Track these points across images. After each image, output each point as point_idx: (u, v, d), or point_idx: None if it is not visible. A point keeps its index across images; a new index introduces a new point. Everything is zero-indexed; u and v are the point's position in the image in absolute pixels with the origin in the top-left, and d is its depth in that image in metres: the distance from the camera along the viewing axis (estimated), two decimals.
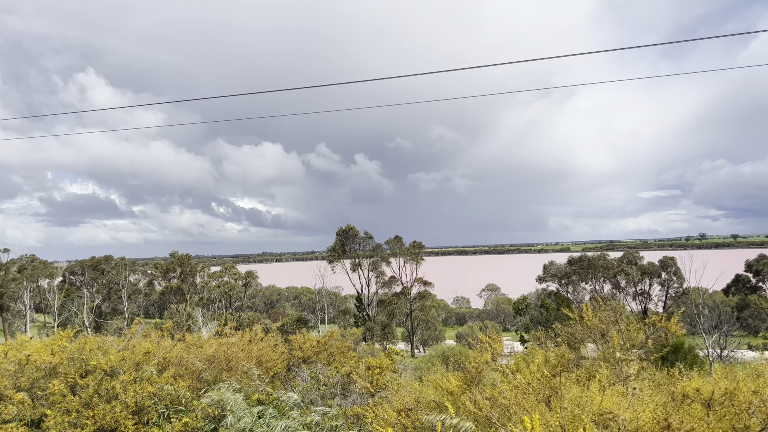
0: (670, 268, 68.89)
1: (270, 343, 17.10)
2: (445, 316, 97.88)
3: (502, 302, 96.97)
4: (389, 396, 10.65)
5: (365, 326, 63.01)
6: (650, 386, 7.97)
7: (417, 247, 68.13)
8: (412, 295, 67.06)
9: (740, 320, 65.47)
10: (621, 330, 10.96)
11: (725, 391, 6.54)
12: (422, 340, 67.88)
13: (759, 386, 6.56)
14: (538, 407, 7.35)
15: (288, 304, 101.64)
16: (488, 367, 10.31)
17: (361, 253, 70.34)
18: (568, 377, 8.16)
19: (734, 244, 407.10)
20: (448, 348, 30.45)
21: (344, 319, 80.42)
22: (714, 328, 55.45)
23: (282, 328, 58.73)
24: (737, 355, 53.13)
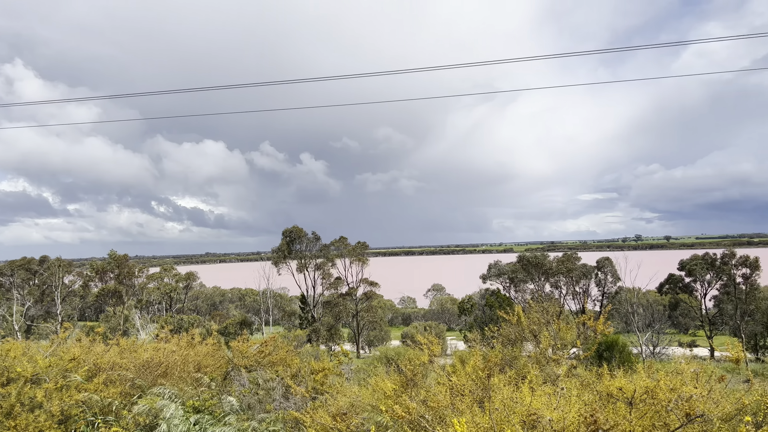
0: (607, 268, 71.41)
1: (209, 347, 16.73)
2: (392, 317, 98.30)
3: (447, 302, 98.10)
4: (328, 400, 10.60)
5: (311, 328, 62.58)
6: (578, 386, 8.22)
7: (362, 248, 68.16)
8: (358, 295, 67.05)
9: (672, 318, 68.49)
10: (553, 330, 11.27)
11: (646, 389, 6.82)
12: (368, 340, 67.93)
13: (677, 384, 6.87)
14: (471, 408, 7.47)
15: (232, 306, 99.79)
16: (426, 369, 10.41)
17: (307, 253, 69.75)
18: (501, 378, 8.33)
19: (667, 246, 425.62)
20: (391, 349, 30.61)
21: (289, 320, 79.67)
22: (647, 326, 57.83)
23: (224, 330, 57.66)
24: (668, 351, 55.62)
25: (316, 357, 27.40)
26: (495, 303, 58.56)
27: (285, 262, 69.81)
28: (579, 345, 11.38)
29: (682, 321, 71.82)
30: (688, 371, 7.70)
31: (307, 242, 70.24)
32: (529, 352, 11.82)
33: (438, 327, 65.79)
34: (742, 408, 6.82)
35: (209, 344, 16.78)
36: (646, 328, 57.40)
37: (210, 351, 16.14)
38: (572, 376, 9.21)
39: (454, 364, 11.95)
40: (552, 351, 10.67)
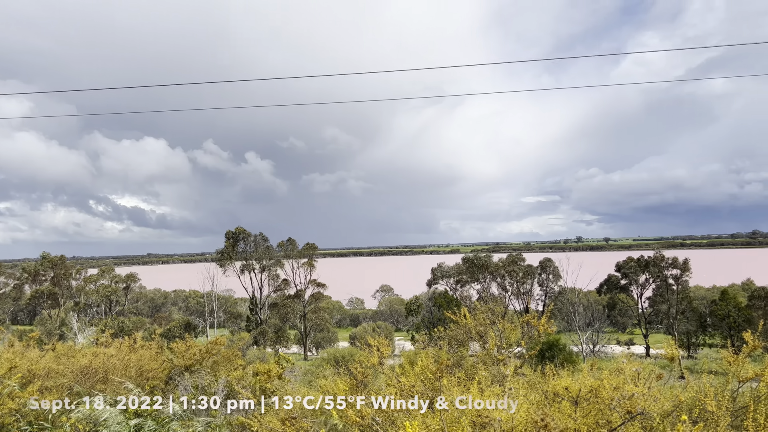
0: (549, 269, 73.42)
1: (151, 350, 16.23)
2: (339, 318, 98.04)
3: (395, 303, 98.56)
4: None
5: (257, 330, 61.67)
6: (525, 386, 8.39)
7: (310, 249, 67.71)
8: (306, 297, 66.53)
9: (610, 318, 70.96)
10: (499, 330, 11.47)
11: (590, 389, 7.02)
12: (316, 342, 67.51)
13: (620, 383, 7.10)
14: (421, 410, 7.50)
15: (175, 308, 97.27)
16: (375, 371, 10.40)
17: (253, 255, 68.65)
18: (450, 379, 8.41)
19: (606, 247, 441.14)
20: (340, 350, 30.50)
21: (235, 323, 78.26)
22: (587, 325, 59.74)
23: (167, 333, 56.15)
24: (607, 350, 57.66)
25: (263, 359, 27.03)
26: (442, 303, 59.23)
27: (230, 264, 68.50)
28: (524, 344, 11.62)
29: (620, 320, 74.54)
30: (629, 370, 7.98)
31: (254, 243, 69.16)
32: (476, 352, 11.99)
33: (386, 328, 66.08)
34: (679, 404, 7.12)
35: (152, 348, 16.29)
36: (587, 327, 59.32)
37: (152, 355, 15.66)
38: (518, 375, 9.39)
39: (403, 365, 11.99)
40: (498, 351, 10.85)
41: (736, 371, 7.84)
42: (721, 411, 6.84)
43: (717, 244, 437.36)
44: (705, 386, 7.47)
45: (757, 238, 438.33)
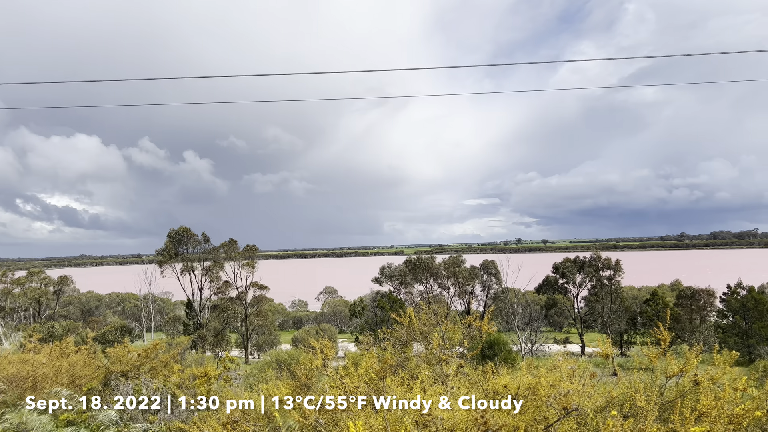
0: (490, 270, 74.98)
1: (84, 355, 15.64)
2: (282, 320, 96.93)
3: (339, 304, 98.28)
4: (217, 408, 10.26)
5: (196, 333, 60.22)
6: (467, 384, 8.56)
7: (252, 251, 66.67)
8: (247, 299, 65.45)
9: (548, 317, 73.06)
10: (442, 330, 11.66)
11: (529, 386, 7.25)
12: (257, 345, 66.54)
13: (556, 380, 7.36)
14: (365, 410, 7.54)
15: (109, 312, 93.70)
16: (319, 373, 10.38)
17: (194, 256, 66.97)
18: (393, 379, 8.49)
19: (544, 249, 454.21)
20: (283, 353, 30.19)
21: (173, 326, 76.17)
22: (526, 325, 61.36)
23: (101, 337, 54.10)
24: (545, 348, 59.41)
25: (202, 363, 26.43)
26: (386, 305, 59.53)
27: (170, 265, 66.59)
28: (466, 344, 11.85)
29: (557, 319, 76.85)
30: (565, 368, 8.28)
31: (195, 244, 67.47)
32: (419, 353, 12.13)
33: (330, 330, 65.84)
34: (611, 400, 7.44)
35: (84, 353, 15.68)
36: (526, 327, 60.94)
37: (86, 360, 15.08)
38: (460, 375, 9.58)
39: (346, 367, 12.01)
40: (441, 351, 11.02)
41: (663, 367, 8.26)
42: (649, 405, 7.20)
43: (647, 246, 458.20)
44: (635, 382, 7.84)
45: (684, 241, 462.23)
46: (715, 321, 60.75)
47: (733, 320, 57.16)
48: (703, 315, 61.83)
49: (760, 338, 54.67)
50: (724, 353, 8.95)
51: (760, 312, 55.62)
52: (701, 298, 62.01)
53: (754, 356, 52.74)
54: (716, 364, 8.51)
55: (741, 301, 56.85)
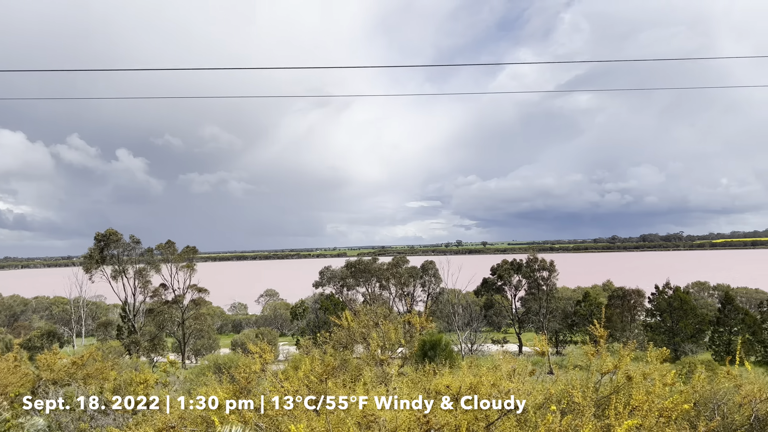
0: (431, 271, 75.82)
1: (9, 362, 14.79)
2: (221, 324, 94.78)
3: (280, 307, 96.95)
4: (153, 413, 9.89)
5: (130, 339, 58.12)
6: (409, 385, 8.58)
7: (190, 253, 64.90)
8: (185, 303, 63.66)
9: (487, 317, 74.52)
10: (382, 331, 11.66)
11: (470, 385, 7.33)
12: (195, 350, 64.84)
13: (497, 379, 7.48)
14: (306, 413, 7.43)
15: (36, 317, 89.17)
16: (259, 377, 10.17)
17: (126, 259, 64.50)
18: (335, 381, 8.42)
19: (484, 250, 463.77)
20: (221, 357, 29.51)
21: (106, 331, 73.26)
22: (466, 325, 62.38)
23: (28, 343, 51.45)
24: (484, 348, 60.56)
25: (137, 369, 25.51)
26: (328, 307, 59.25)
27: (99, 269, 63.85)
28: (405, 344, 11.89)
29: (495, 320, 78.46)
30: (506, 367, 8.43)
31: (125, 246, 64.90)
32: (360, 354, 12.09)
33: (271, 333, 64.91)
34: (550, 397, 7.63)
35: (9, 359, 14.84)
36: (465, 327, 61.95)
37: (10, 367, 14.26)
38: (402, 375, 9.59)
39: (286, 370, 11.83)
40: (381, 352, 11.01)
41: (597, 365, 8.54)
42: (586, 401, 7.44)
43: (581, 248, 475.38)
44: (572, 380, 8.06)
45: (615, 243, 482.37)
46: (644, 320, 63.56)
47: (660, 319, 59.93)
48: (633, 314, 64.59)
49: (684, 336, 57.57)
50: (654, 350, 9.34)
51: (684, 311, 58.58)
52: (631, 298, 64.77)
53: (679, 353, 55.49)
54: (648, 361, 8.87)
55: (668, 300, 59.70)
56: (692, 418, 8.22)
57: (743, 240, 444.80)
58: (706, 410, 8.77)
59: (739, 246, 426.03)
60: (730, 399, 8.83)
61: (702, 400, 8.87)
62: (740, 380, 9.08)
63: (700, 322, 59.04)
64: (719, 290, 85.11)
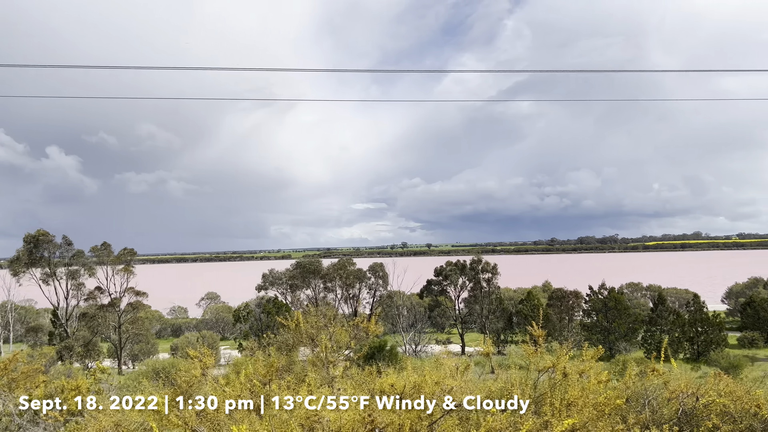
0: (377, 273, 76.09)
1: None
2: (160, 328, 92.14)
3: (222, 310, 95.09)
4: (86, 421, 9.51)
5: (63, 344, 55.69)
6: (354, 385, 8.59)
7: (128, 255, 62.76)
8: (121, 307, 61.49)
9: (431, 319, 75.39)
10: (330, 333, 11.64)
11: (414, 385, 7.41)
12: (132, 355, 62.80)
13: (440, 378, 7.59)
14: (249, 416, 7.33)
15: None
16: (199, 382, 9.95)
17: (58, 261, 61.72)
18: (279, 384, 8.34)
19: (428, 252, 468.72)
20: (160, 362, 28.69)
21: (36, 336, 70.01)
22: (411, 326, 62.88)
23: None
24: (428, 349, 61.21)
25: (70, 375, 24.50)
26: (272, 310, 58.54)
27: (28, 271, 60.79)
28: (353, 346, 11.91)
29: (439, 321, 79.46)
30: (448, 366, 8.57)
31: (57, 248, 62.09)
32: (307, 356, 12.02)
33: (212, 337, 63.57)
34: (491, 395, 7.80)
35: None
36: (410, 328, 62.44)
37: None
38: (347, 376, 9.59)
39: (228, 375, 11.63)
40: (328, 353, 10.99)
41: (536, 363, 8.79)
42: (524, 398, 7.65)
43: (522, 250, 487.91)
44: (512, 378, 8.28)
45: (554, 245, 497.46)
46: (581, 320, 65.78)
47: (596, 319, 62.17)
48: (571, 314, 66.75)
49: (619, 335, 59.91)
50: (589, 348, 9.68)
51: (619, 311, 60.98)
52: (569, 298, 66.92)
53: (614, 351, 57.67)
54: (584, 359, 9.19)
55: (603, 301, 62.00)
56: (624, 413, 8.58)
57: (673, 243, 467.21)
58: (637, 405, 9.16)
59: (669, 248, 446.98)
60: (660, 394, 9.24)
61: (633, 395, 9.26)
62: (669, 376, 9.53)
63: (634, 321, 61.60)
64: (651, 291, 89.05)
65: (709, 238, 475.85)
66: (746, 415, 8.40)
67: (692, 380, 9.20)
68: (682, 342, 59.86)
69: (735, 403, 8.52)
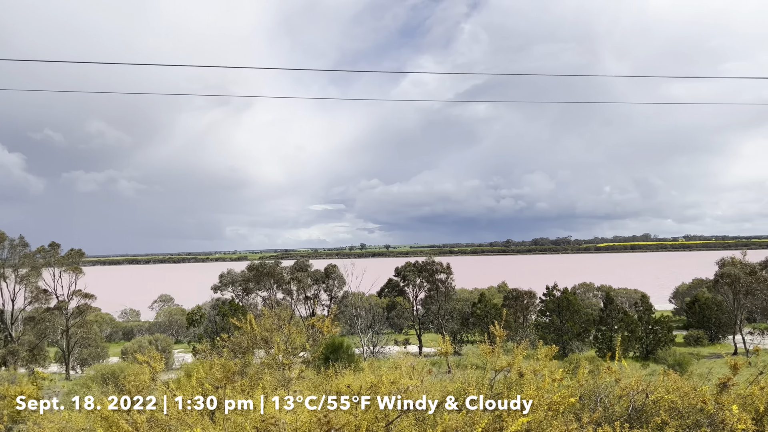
0: (335, 274, 75.77)
1: None
2: (111, 331, 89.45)
3: (175, 313, 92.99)
4: (29, 428, 9.12)
5: (7, 349, 53.45)
6: (310, 387, 8.49)
7: (76, 256, 60.69)
8: (69, 310, 59.41)
9: (389, 319, 75.53)
10: (285, 335, 11.48)
11: (371, 385, 7.36)
12: (81, 359, 60.76)
13: (396, 377, 7.56)
14: (201, 421, 7.14)
15: None
16: (149, 387, 9.67)
17: (8, 261, 59.21)
18: (233, 387, 8.16)
19: (387, 254, 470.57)
20: (109, 367, 27.86)
21: None
22: (369, 328, 62.87)
23: None
24: (386, 350, 61.33)
25: (14, 381, 23.54)
26: (227, 312, 57.61)
27: None
28: (308, 348, 11.78)
29: (397, 321, 79.68)
30: (405, 366, 8.55)
31: (10, 248, 59.64)
32: (262, 359, 11.83)
33: (165, 340, 62.12)
34: (447, 395, 7.82)
35: None
36: (368, 330, 62.42)
37: None
38: (303, 378, 9.48)
39: (179, 379, 11.35)
40: (283, 356, 10.84)
41: (492, 362, 8.86)
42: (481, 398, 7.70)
43: (478, 252, 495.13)
44: (468, 377, 8.33)
45: (510, 247, 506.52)
46: (536, 319, 66.99)
47: (550, 319, 63.40)
48: (526, 314, 67.90)
49: (572, 334, 61.25)
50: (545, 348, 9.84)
51: (571, 311, 62.35)
52: (524, 299, 68.06)
53: (567, 351, 58.96)
54: (538, 358, 9.33)
55: (556, 301, 63.30)
56: (578, 411, 8.73)
57: (624, 244, 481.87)
58: (590, 403, 9.34)
59: (620, 249, 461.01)
60: (611, 392, 9.45)
61: (586, 393, 9.44)
62: (619, 374, 9.75)
63: (586, 321, 63.08)
64: (602, 291, 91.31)
65: (658, 239, 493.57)
66: (693, 410, 8.66)
67: (642, 377, 9.45)
68: (631, 341, 61.59)
69: (682, 399, 8.77)
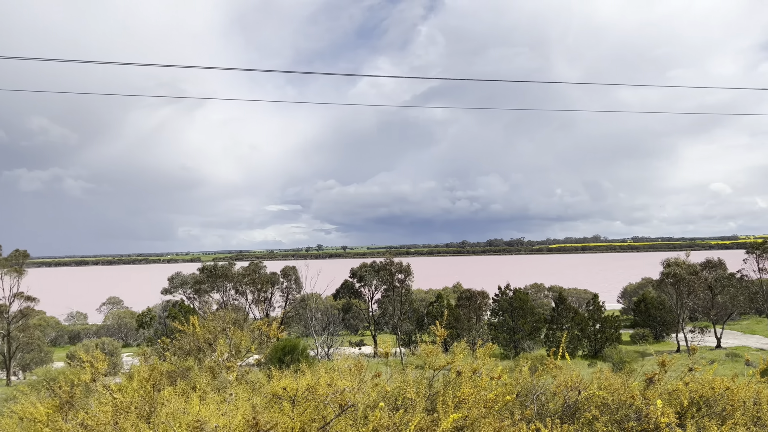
0: (290, 276, 75.15)
1: None
2: (56, 335, 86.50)
3: (124, 316, 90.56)
4: None
5: None
6: (249, 390, 8.48)
7: (20, 257, 58.50)
8: (10, 313, 57.18)
9: (345, 321, 75.53)
10: (229, 338, 11.41)
11: (308, 387, 7.41)
12: (23, 364, 58.59)
13: (333, 379, 7.63)
14: (138, 425, 7.06)
15: None
16: (88, 389, 9.48)
17: None
18: (172, 390, 8.08)
19: (344, 255, 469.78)
20: (53, 371, 26.98)
21: None
22: (324, 329, 62.70)
23: None
24: (341, 351, 61.23)
25: None
26: (178, 314, 56.54)
27: None
28: (254, 350, 11.74)
29: (353, 323, 79.73)
30: (345, 367, 8.63)
31: None
32: (207, 362, 11.73)
33: (113, 343, 60.47)
34: (386, 395, 7.94)
35: None
36: (323, 331, 62.24)
37: None
38: (243, 381, 9.45)
39: (122, 381, 11.16)
40: (227, 358, 10.78)
41: (431, 362, 9.05)
42: (419, 397, 7.86)
43: (434, 252, 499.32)
44: (408, 377, 8.47)
45: (465, 248, 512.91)
46: (489, 319, 68.05)
47: (502, 318, 64.54)
48: (479, 314, 68.86)
49: (524, 333, 62.50)
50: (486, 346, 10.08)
51: (524, 311, 63.67)
52: (477, 299, 68.98)
53: (519, 349, 60.16)
54: (477, 357, 9.55)
55: (509, 301, 64.52)
56: (514, 408, 8.98)
57: (575, 245, 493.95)
58: (527, 400, 9.61)
59: (571, 251, 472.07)
60: (548, 389, 9.75)
61: (524, 391, 9.71)
62: (557, 372, 10.06)
63: (537, 320, 64.50)
64: (553, 291, 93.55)
65: (607, 241, 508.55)
66: (623, 405, 9.02)
67: (577, 375, 9.78)
68: (581, 340, 63.30)
69: (613, 395, 9.13)
